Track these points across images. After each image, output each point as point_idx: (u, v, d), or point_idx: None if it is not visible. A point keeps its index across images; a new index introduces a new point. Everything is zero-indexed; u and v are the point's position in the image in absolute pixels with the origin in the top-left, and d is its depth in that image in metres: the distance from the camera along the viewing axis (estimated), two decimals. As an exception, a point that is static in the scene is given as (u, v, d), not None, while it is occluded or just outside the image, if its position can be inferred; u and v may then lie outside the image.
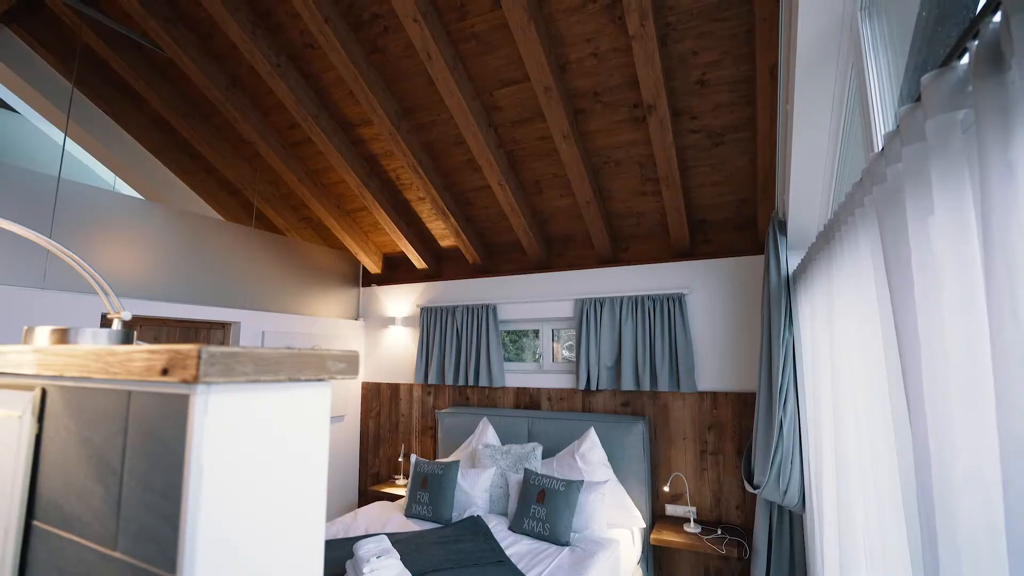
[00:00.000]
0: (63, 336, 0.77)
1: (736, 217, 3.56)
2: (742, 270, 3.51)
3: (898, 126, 0.95)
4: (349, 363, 0.65)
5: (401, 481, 4.33)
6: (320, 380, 0.63)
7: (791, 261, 2.82)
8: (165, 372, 0.50)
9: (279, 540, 0.55)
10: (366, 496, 4.66)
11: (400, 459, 4.52)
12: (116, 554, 0.54)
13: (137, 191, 4.71)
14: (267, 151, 3.86)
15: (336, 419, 4.60)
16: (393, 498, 3.98)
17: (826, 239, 1.81)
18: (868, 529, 1.47)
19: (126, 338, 0.84)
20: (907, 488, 1.14)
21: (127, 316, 0.89)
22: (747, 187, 3.34)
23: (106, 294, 0.90)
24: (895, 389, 1.14)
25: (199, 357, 0.47)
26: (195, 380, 0.47)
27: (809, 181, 2.39)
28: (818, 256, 1.96)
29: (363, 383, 4.93)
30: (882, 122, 1.54)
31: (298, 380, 0.59)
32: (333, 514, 4.41)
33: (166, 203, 4.37)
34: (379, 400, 4.82)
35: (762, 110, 2.73)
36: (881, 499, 1.36)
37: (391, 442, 4.71)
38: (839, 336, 1.66)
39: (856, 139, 2.05)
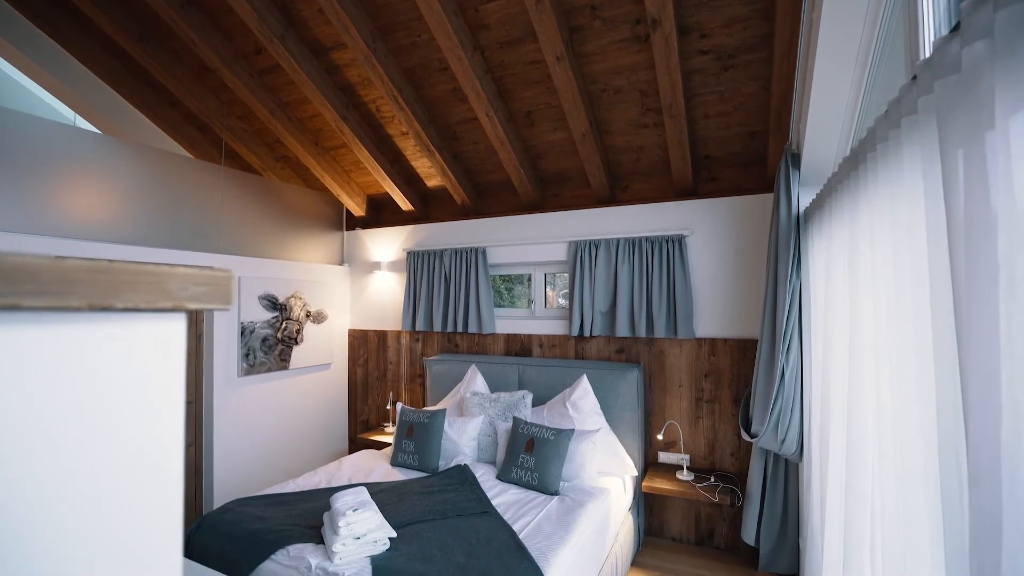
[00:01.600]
0: None
1: (744, 152, 3.29)
2: (748, 210, 3.28)
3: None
4: (213, 287, 0.44)
5: (390, 429, 4.26)
6: (161, 311, 0.42)
7: (803, 199, 2.59)
8: None
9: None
10: (356, 444, 4.61)
11: (389, 407, 4.43)
12: None
13: (97, 128, 4.36)
14: (233, 80, 3.51)
15: (323, 367, 4.47)
16: (382, 446, 3.91)
17: (852, 165, 1.58)
18: (883, 481, 1.33)
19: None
20: (946, 446, 0.98)
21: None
22: (758, 118, 3.05)
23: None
24: (942, 335, 0.95)
25: None
26: None
27: (830, 107, 2.12)
28: (839, 188, 1.73)
29: (349, 330, 4.78)
30: (932, 20, 1.29)
31: (112, 310, 0.38)
32: (320, 464, 4.36)
33: (127, 139, 4.04)
34: (366, 348, 4.69)
35: (781, 25, 2.42)
36: (903, 451, 1.21)
37: (380, 390, 4.61)
38: (862, 277, 1.46)
39: (893, 56, 1.78)
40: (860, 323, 1.49)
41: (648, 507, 3.52)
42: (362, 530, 2.02)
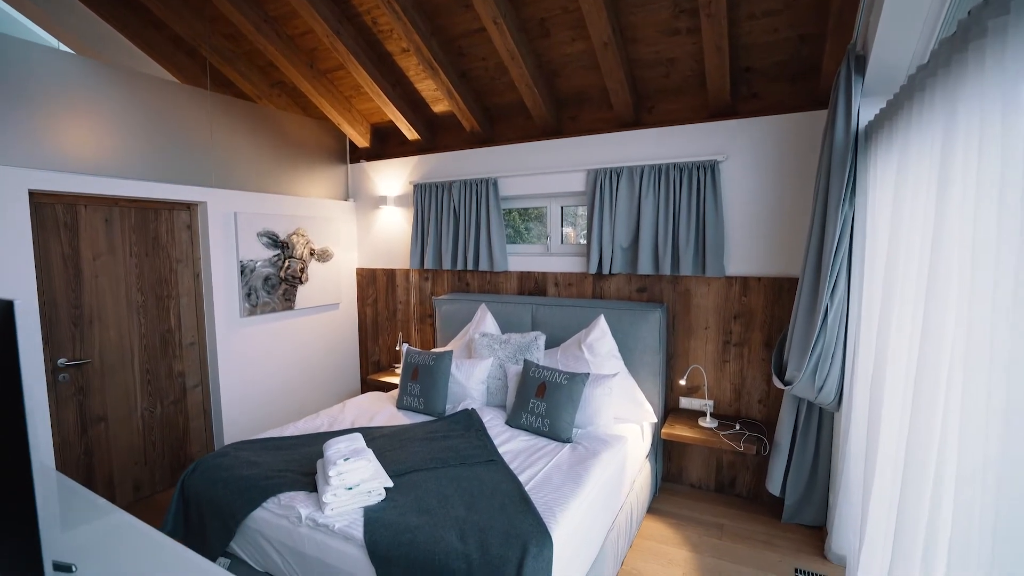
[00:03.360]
0: None
1: (793, 62, 2.83)
2: (793, 130, 2.86)
3: None
4: None
5: (400, 370, 4.14)
6: None
7: (865, 114, 2.18)
8: None
9: None
10: (368, 385, 4.54)
11: (397, 348, 4.31)
12: None
13: (72, 50, 4.05)
14: (211, -12, 3.14)
15: (330, 307, 4.33)
16: (393, 387, 3.81)
17: (944, 61, 1.21)
18: (963, 441, 1.08)
19: None
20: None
21: None
22: (813, 18, 2.58)
23: None
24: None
25: None
26: None
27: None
28: (925, 92, 1.36)
29: (357, 269, 4.59)
30: None
31: None
32: (331, 405, 4.31)
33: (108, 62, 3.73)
34: (375, 287, 4.51)
35: None
36: (990, 406, 0.95)
37: (390, 330, 4.48)
38: (952, 203, 1.14)
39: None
40: (944, 257, 1.18)
41: (667, 453, 3.36)
42: (354, 480, 1.88)
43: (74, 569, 1.00)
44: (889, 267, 1.61)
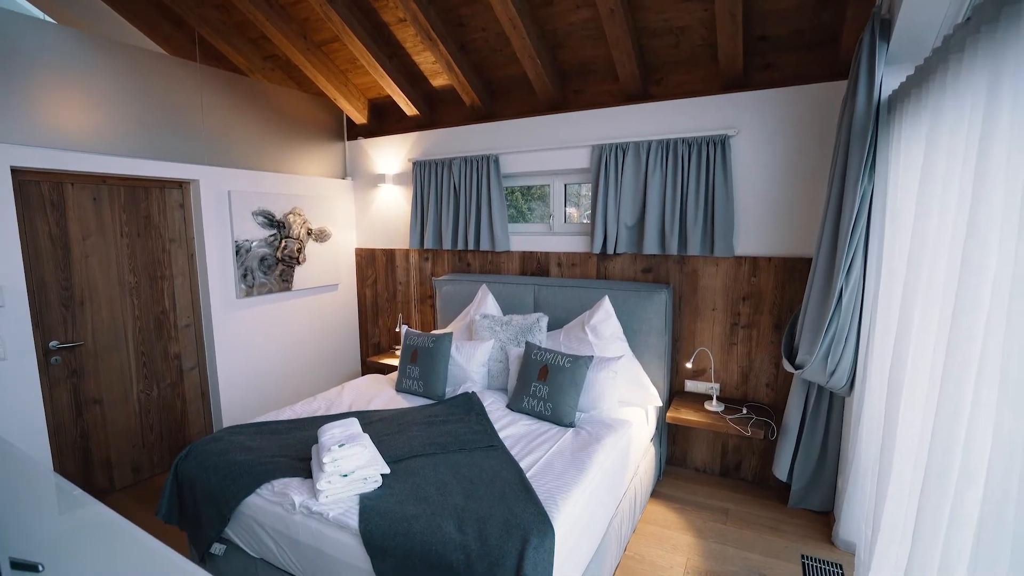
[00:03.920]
0: None
1: (812, 30, 2.67)
2: (810, 102, 2.72)
3: None
4: None
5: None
6: None
7: (888, 82, 2.05)
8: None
9: None
10: (368, 367, 4.48)
11: (397, 329, 4.24)
12: None
13: (51, 18, 3.91)
14: (197, -47, 2.98)
15: (329, 288, 4.25)
16: (393, 369, 3.75)
17: (990, 16, 1.09)
18: (997, 431, 1.00)
19: None
20: None
21: None
22: (833, -21, 2.42)
23: None
24: None
25: None
26: None
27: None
28: (960, 53, 1.24)
29: (356, 249, 4.50)
30: None
31: None
32: (333, 387, 4.26)
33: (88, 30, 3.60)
34: (374, 267, 4.42)
35: None
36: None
37: (390, 311, 4.40)
38: (993, 176, 1.03)
39: None
40: (982, 231, 1.07)
41: (671, 436, 3.30)
42: (350, 467, 1.82)
43: (41, 568, 0.93)
44: (915, 244, 1.51)
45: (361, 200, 4.41)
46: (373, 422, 2.44)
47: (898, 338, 1.62)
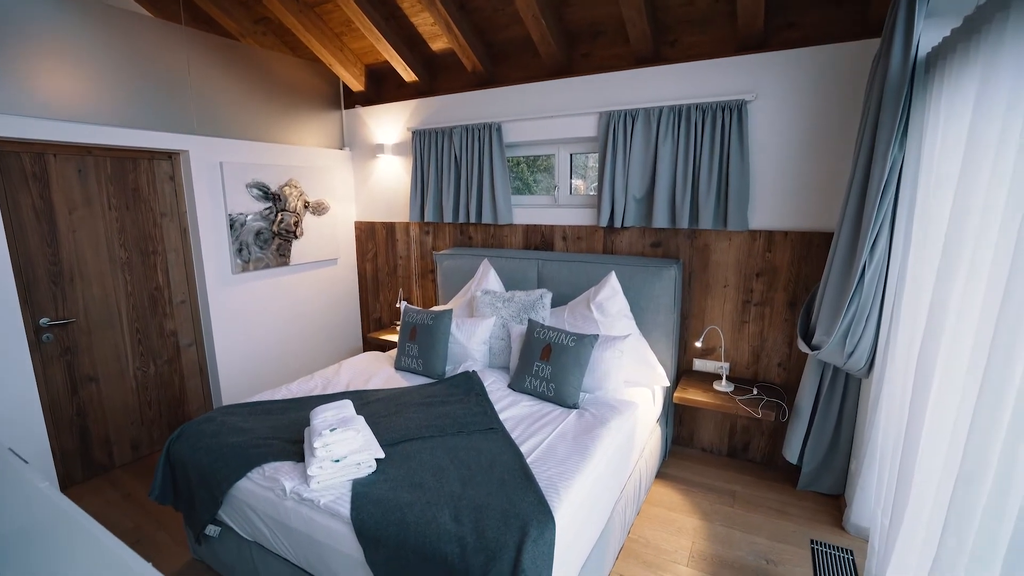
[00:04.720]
0: None
1: (838, -19, 2.46)
2: (836, 63, 2.52)
3: None
4: None
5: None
6: None
7: (928, 38, 1.87)
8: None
9: None
10: (369, 343, 4.41)
11: (397, 305, 4.15)
12: None
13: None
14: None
15: (328, 262, 4.15)
16: (392, 346, 3.67)
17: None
18: None
19: None
20: None
21: None
22: (867, -76, 2.20)
23: None
24: None
25: None
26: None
27: None
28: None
29: (355, 223, 4.37)
30: None
31: None
32: (333, 363, 4.20)
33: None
34: (374, 241, 4.31)
35: None
36: None
37: (391, 286, 4.31)
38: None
39: None
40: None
41: (677, 416, 3.22)
42: (342, 451, 1.75)
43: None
44: (956, 218, 1.37)
45: (360, 171, 4.27)
46: (370, 402, 2.37)
47: (931, 319, 1.49)
